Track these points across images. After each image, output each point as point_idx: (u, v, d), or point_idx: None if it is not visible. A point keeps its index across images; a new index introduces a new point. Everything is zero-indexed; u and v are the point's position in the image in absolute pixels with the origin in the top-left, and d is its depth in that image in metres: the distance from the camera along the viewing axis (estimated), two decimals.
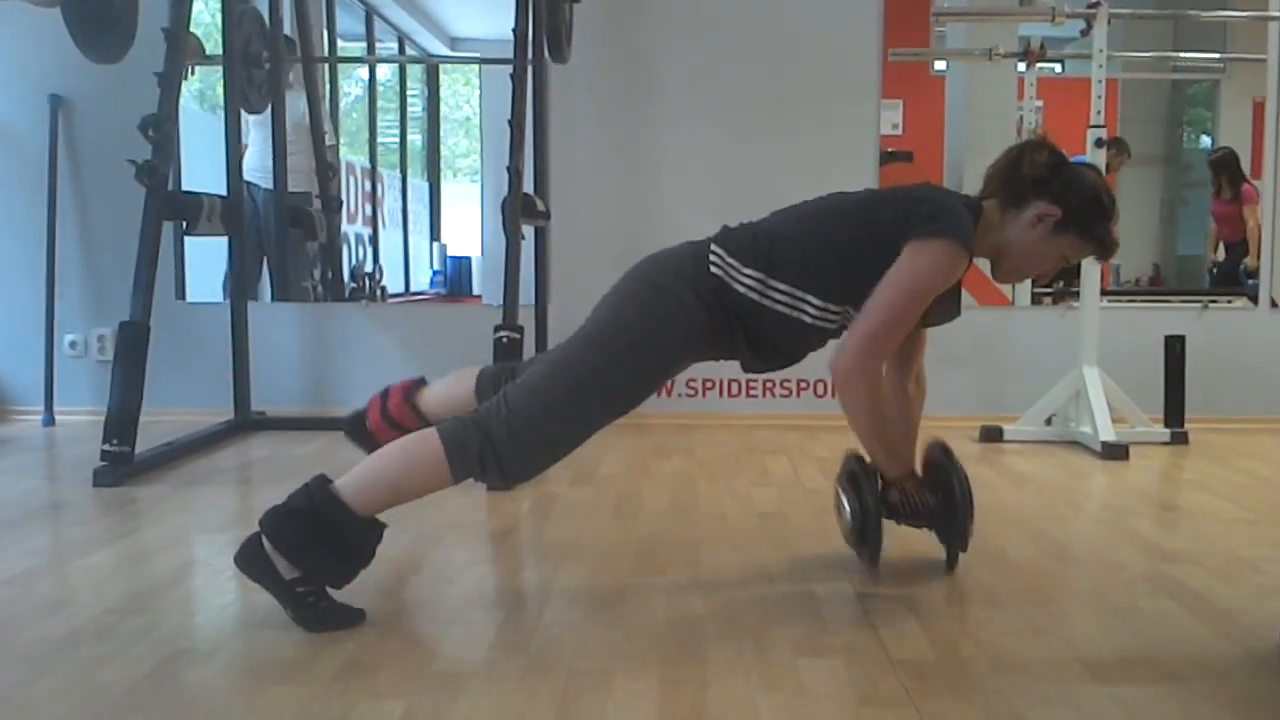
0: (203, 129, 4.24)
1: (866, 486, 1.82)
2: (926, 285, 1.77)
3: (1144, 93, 4.60)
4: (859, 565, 2.02)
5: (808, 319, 1.82)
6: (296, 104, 4.43)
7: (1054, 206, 1.84)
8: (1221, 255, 4.31)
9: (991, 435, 3.58)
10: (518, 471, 1.76)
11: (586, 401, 1.77)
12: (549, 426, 1.75)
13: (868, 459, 1.93)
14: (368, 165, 5.74)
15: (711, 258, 1.83)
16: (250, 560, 1.68)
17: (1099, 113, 3.41)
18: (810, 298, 1.81)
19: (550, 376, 1.78)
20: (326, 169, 4.59)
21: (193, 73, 3.99)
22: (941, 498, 1.85)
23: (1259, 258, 4.07)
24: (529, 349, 3.24)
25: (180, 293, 3.98)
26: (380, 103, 5.97)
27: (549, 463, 1.80)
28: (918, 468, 1.97)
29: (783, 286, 1.81)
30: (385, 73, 6.19)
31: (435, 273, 6.38)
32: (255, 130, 4.34)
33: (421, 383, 2.14)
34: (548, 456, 1.79)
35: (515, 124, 3.12)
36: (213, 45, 3.95)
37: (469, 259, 6.29)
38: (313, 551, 1.67)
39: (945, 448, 1.88)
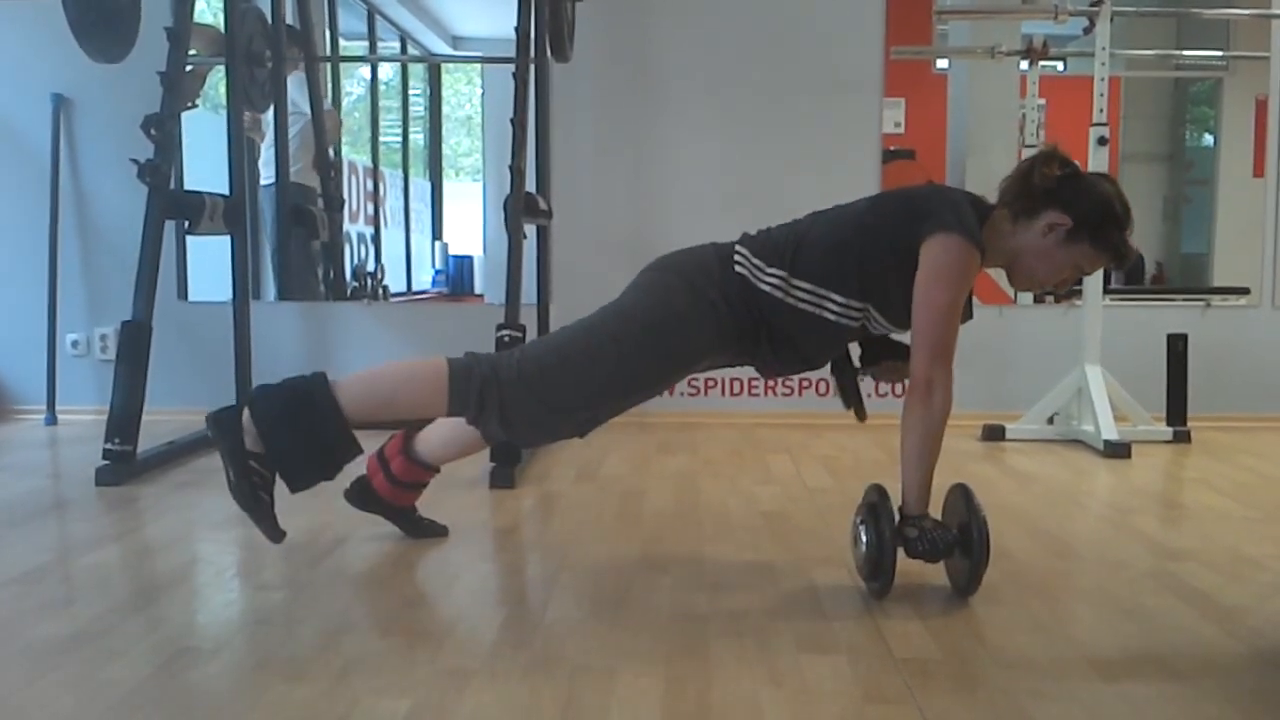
0: (207, 128, 4.24)
1: (885, 520, 1.82)
2: (955, 286, 1.79)
3: (1147, 90, 4.59)
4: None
5: (830, 316, 1.85)
6: (296, 89, 4.42)
7: (1064, 216, 1.84)
8: None
9: (993, 434, 3.57)
10: (517, 420, 1.75)
11: (600, 366, 1.78)
12: (559, 380, 1.75)
13: (888, 489, 1.91)
14: (370, 164, 5.74)
15: (736, 258, 1.87)
16: (221, 422, 1.70)
17: (1102, 111, 3.41)
18: (833, 295, 1.84)
19: (570, 335, 1.81)
20: (328, 168, 4.59)
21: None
22: (957, 536, 1.84)
23: None
24: None
25: (182, 292, 3.99)
26: (382, 102, 5.96)
27: (548, 425, 1.79)
28: (940, 505, 1.94)
29: (805, 285, 1.83)
30: (387, 72, 6.18)
31: (437, 272, 6.37)
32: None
33: (411, 434, 2.13)
34: (549, 414, 1.78)
35: (517, 123, 3.12)
36: None
37: (471, 258, 6.28)
38: (285, 435, 1.67)
39: (967, 491, 1.87)
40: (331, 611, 1.77)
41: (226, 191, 3.62)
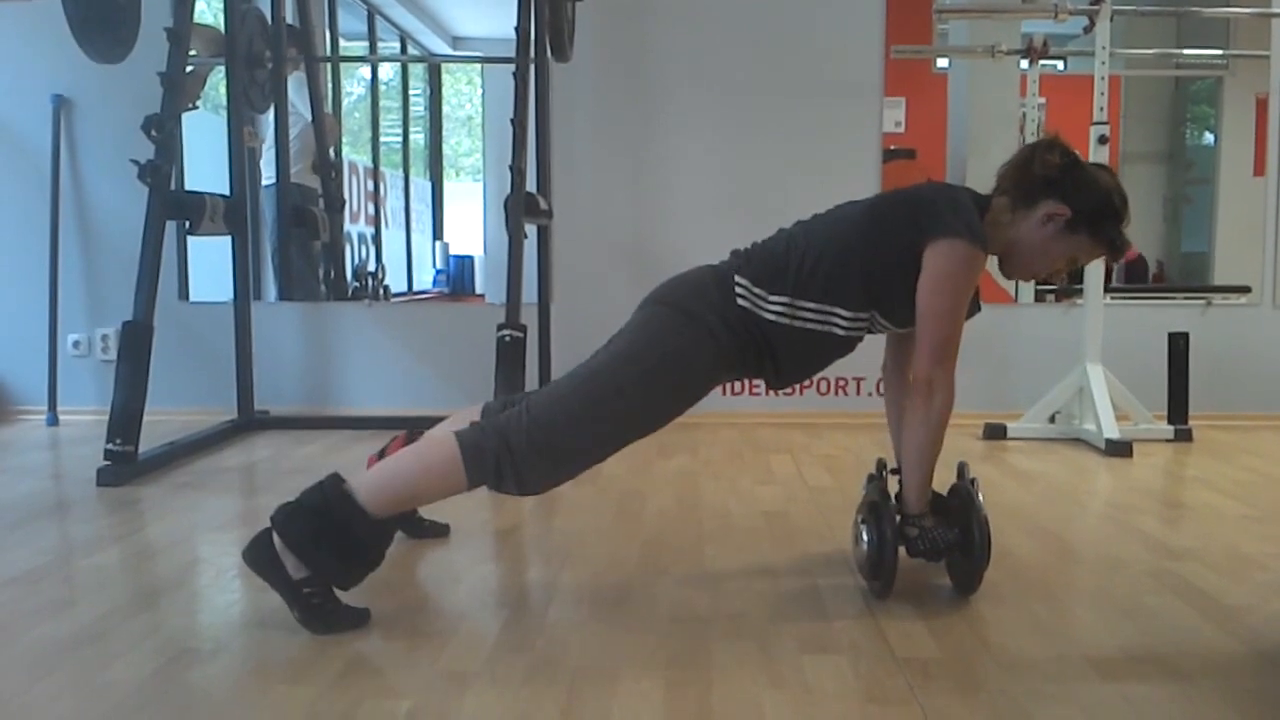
0: (207, 129, 4.24)
1: (887, 519, 1.81)
2: (959, 289, 1.78)
3: (1147, 90, 4.59)
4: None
5: (840, 331, 1.83)
6: (296, 90, 4.42)
7: (1063, 206, 1.83)
8: None
9: (995, 433, 3.57)
10: (533, 481, 1.74)
11: (610, 416, 1.76)
12: (569, 437, 1.73)
13: (890, 490, 1.91)
14: (370, 165, 5.74)
15: (737, 289, 1.82)
16: (259, 557, 1.68)
17: (1102, 110, 3.40)
18: (839, 310, 1.81)
19: (575, 388, 1.77)
20: (329, 168, 4.59)
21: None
22: (958, 536, 1.84)
23: None
24: (532, 348, 3.24)
25: (183, 292, 3.99)
26: (383, 102, 5.96)
27: (564, 477, 1.77)
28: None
29: (811, 305, 1.80)
30: (388, 72, 6.18)
31: (438, 272, 6.38)
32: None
33: (414, 435, 2.11)
34: (564, 469, 1.76)
35: (518, 123, 3.12)
36: None
37: (471, 258, 6.28)
38: (322, 551, 1.66)
39: (969, 488, 1.87)
40: None
41: (227, 192, 3.64)
